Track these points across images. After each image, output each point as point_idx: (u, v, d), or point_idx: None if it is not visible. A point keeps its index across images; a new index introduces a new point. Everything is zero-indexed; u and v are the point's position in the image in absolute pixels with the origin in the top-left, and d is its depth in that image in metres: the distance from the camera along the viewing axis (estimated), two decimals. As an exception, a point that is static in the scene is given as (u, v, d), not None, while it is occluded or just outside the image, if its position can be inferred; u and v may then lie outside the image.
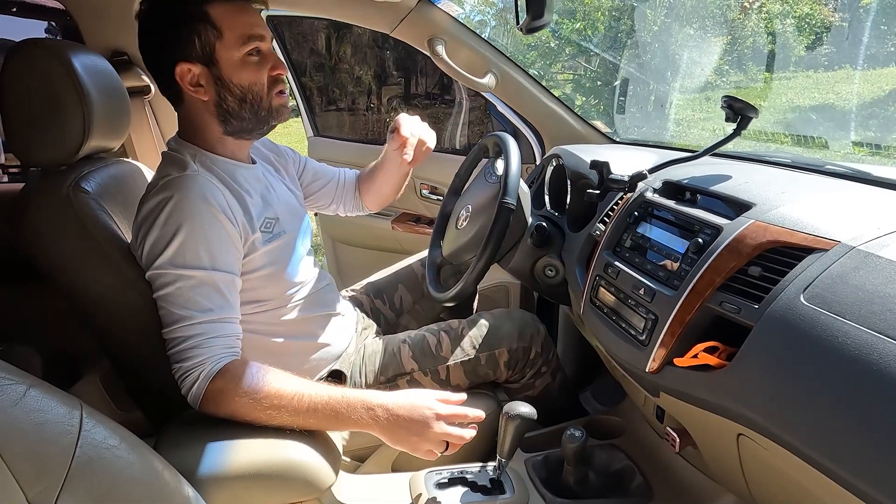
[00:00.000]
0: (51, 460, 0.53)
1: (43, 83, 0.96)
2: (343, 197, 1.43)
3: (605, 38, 5.69)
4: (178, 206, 0.94)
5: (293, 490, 0.86)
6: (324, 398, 0.90)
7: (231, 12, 0.99)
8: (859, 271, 0.66)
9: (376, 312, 1.48)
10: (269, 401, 0.88)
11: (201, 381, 0.89)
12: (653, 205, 1.03)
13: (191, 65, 0.99)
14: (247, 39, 0.99)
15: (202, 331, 0.92)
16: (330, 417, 0.90)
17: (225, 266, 0.96)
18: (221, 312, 0.94)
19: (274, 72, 1.03)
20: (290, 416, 0.89)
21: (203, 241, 0.94)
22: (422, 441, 0.92)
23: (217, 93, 1.02)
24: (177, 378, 0.92)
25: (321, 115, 2.59)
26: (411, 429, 0.92)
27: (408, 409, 0.93)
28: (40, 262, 0.99)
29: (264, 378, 0.90)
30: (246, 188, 1.06)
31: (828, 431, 0.61)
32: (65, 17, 2.03)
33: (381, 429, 0.92)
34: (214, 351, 0.92)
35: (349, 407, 0.91)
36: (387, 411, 0.92)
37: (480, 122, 2.46)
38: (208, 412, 0.90)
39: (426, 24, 1.62)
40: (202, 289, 0.93)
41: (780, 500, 0.83)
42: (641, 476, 1.15)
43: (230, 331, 0.95)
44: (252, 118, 1.04)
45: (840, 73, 3.78)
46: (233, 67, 1.00)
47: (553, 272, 1.25)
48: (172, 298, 0.92)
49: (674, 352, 0.83)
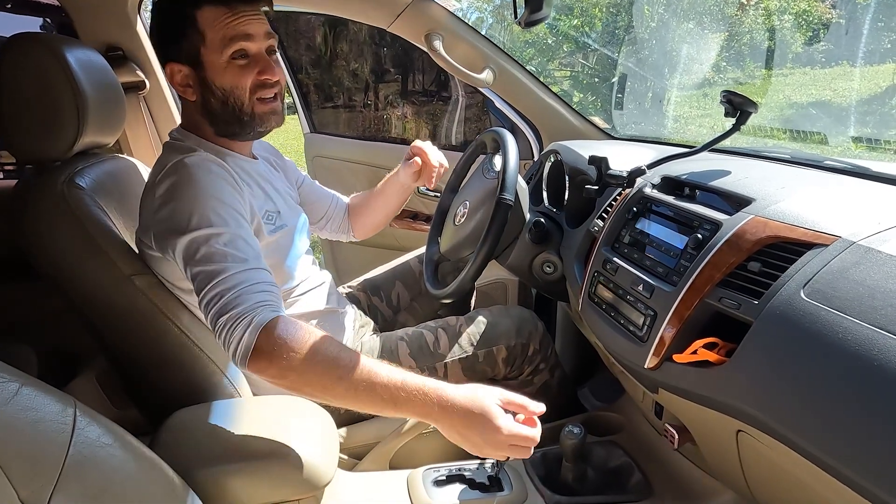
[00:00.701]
0: (44, 459, 0.53)
1: (36, 78, 0.95)
2: (332, 217, 1.44)
3: (603, 35, 5.69)
4: (190, 180, 0.93)
5: (290, 487, 0.85)
6: (384, 375, 0.82)
7: (217, 15, 0.97)
8: (860, 266, 0.65)
9: (373, 309, 1.47)
10: (325, 366, 0.81)
11: (251, 330, 0.81)
12: (651, 200, 1.02)
13: (180, 65, 1.00)
14: (229, 42, 0.97)
15: (240, 280, 0.86)
16: (387, 400, 0.81)
17: (245, 226, 0.95)
18: (256, 262, 0.90)
19: (261, 76, 1.01)
20: (344, 390, 0.81)
21: (222, 204, 0.93)
22: (486, 446, 0.82)
23: (202, 94, 1.02)
24: (222, 336, 0.83)
25: (318, 112, 2.58)
26: (473, 428, 0.82)
27: (469, 397, 0.83)
28: (36, 260, 0.98)
29: (321, 341, 0.82)
30: (247, 180, 1.06)
31: (828, 428, 0.61)
32: (60, 14, 2.02)
33: (436, 419, 0.83)
34: (259, 298, 0.85)
35: (410, 391, 0.82)
36: (444, 400, 0.82)
37: (478, 118, 2.46)
38: (258, 369, 0.81)
39: (423, 19, 1.61)
40: (235, 242, 0.90)
41: (780, 496, 0.83)
42: (640, 473, 1.15)
43: (268, 279, 0.90)
44: (235, 122, 1.03)
45: (837, 69, 3.79)
46: (216, 70, 0.99)
47: (551, 268, 1.25)
48: (207, 258, 0.88)
49: (673, 348, 0.82)
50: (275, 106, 1.05)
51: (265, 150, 1.27)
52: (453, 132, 2.52)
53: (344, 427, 1.17)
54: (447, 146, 2.42)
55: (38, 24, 2.33)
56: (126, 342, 1.01)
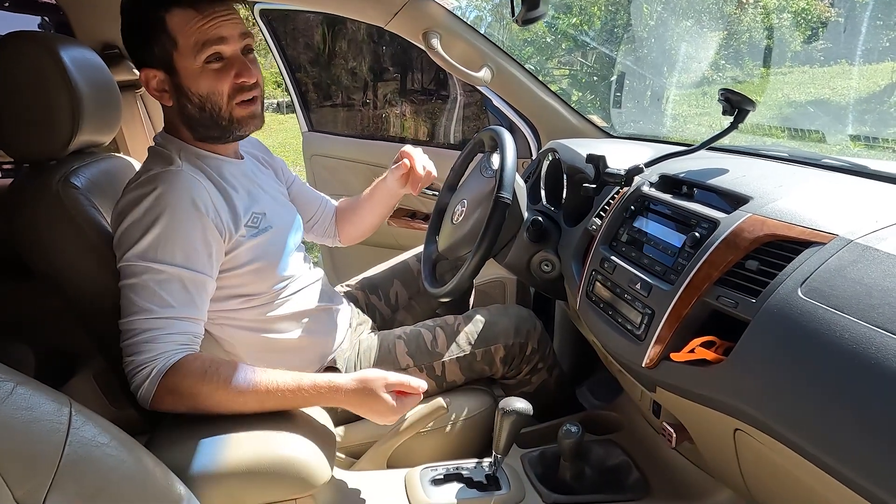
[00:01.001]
0: (39, 458, 0.52)
1: (31, 76, 0.94)
2: (320, 220, 1.43)
3: (602, 33, 5.69)
4: (158, 199, 0.92)
5: (288, 487, 0.85)
6: (280, 377, 0.90)
7: (187, 19, 0.94)
8: (857, 265, 0.65)
9: (371, 308, 1.47)
10: (225, 390, 0.87)
11: (153, 377, 0.87)
12: (649, 199, 1.02)
13: (155, 71, 0.97)
14: (202, 47, 0.94)
15: (160, 326, 0.90)
16: (295, 392, 0.90)
17: (197, 266, 0.94)
18: (183, 311, 0.92)
19: (238, 80, 0.98)
20: (253, 400, 0.89)
21: (178, 238, 0.92)
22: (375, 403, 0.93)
23: (178, 100, 0.99)
24: (127, 372, 0.89)
25: (316, 111, 2.58)
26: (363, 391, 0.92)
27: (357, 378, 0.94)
28: (32, 259, 0.98)
29: (218, 369, 0.88)
30: (232, 183, 1.05)
31: (825, 426, 0.61)
32: (57, 13, 2.01)
33: (345, 393, 0.92)
34: (169, 347, 0.89)
35: (312, 381, 0.92)
36: (336, 378, 0.93)
37: (476, 117, 2.46)
38: (161, 410, 0.88)
39: (421, 17, 1.61)
40: (169, 285, 0.91)
41: (777, 494, 0.83)
42: (638, 471, 1.15)
43: (189, 329, 0.93)
44: (214, 127, 1.01)
45: (836, 68, 3.79)
46: (191, 76, 0.96)
47: (549, 267, 1.25)
48: (137, 290, 0.90)
49: (670, 346, 0.82)
50: (254, 109, 1.02)
51: (253, 147, 1.25)
52: (451, 131, 2.52)
53: (341, 426, 1.17)
54: (445, 145, 2.42)
55: (35, 23, 2.32)
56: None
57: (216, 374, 0.88)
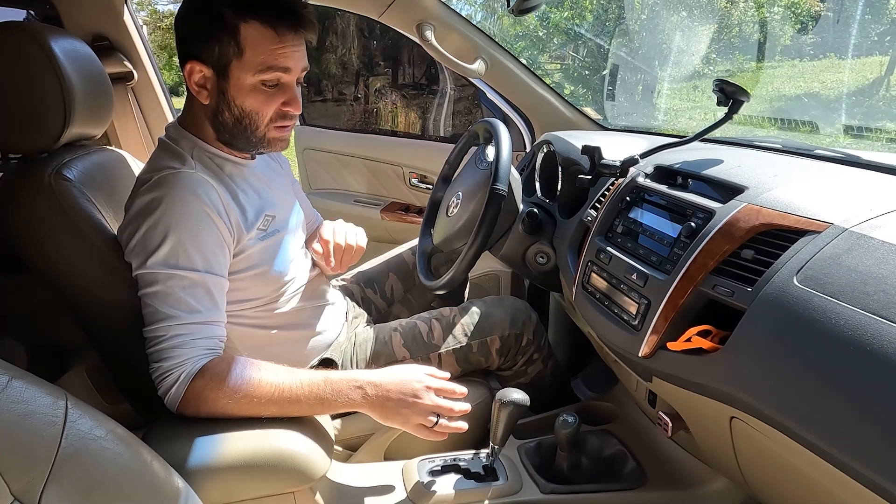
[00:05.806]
0: (35, 452, 0.52)
1: (21, 68, 0.93)
2: (310, 230, 1.37)
3: (594, 27, 5.69)
4: (172, 204, 0.91)
5: (285, 480, 0.85)
6: (305, 387, 0.90)
7: (263, 36, 0.92)
8: (852, 253, 0.66)
9: (367, 302, 1.47)
10: (249, 398, 0.87)
11: (182, 381, 0.88)
12: (644, 190, 1.02)
13: (204, 66, 0.95)
14: (266, 69, 0.93)
15: (188, 331, 0.90)
16: (315, 404, 0.90)
17: (217, 269, 0.95)
18: (209, 315, 0.93)
19: (285, 108, 0.98)
20: (275, 408, 0.88)
21: (197, 243, 0.92)
22: (413, 413, 0.92)
23: (217, 103, 0.97)
24: (154, 378, 0.90)
25: (308, 105, 2.57)
26: (402, 401, 0.92)
27: (397, 382, 0.93)
28: (23, 253, 0.97)
29: (243, 374, 0.88)
30: (242, 186, 1.04)
31: (821, 413, 0.62)
32: (44, 7, 1.98)
33: (370, 406, 0.92)
34: (197, 352, 0.90)
35: (335, 391, 0.90)
36: (375, 387, 0.92)
37: (468, 111, 2.45)
38: (188, 414, 0.88)
39: (415, 8, 1.60)
40: (194, 290, 0.91)
41: (773, 482, 0.83)
42: (634, 461, 1.15)
43: (215, 333, 0.93)
44: (242, 139, 1.00)
45: (825, 62, 3.82)
46: (241, 88, 0.95)
47: (544, 259, 1.25)
48: (161, 297, 0.90)
49: (667, 336, 0.83)
50: (286, 134, 1.03)
51: None
52: (442, 124, 2.51)
53: (338, 419, 1.17)
54: (436, 138, 2.42)
55: (21, 18, 2.29)
56: (116, 336, 1.00)
57: (241, 378, 0.88)
